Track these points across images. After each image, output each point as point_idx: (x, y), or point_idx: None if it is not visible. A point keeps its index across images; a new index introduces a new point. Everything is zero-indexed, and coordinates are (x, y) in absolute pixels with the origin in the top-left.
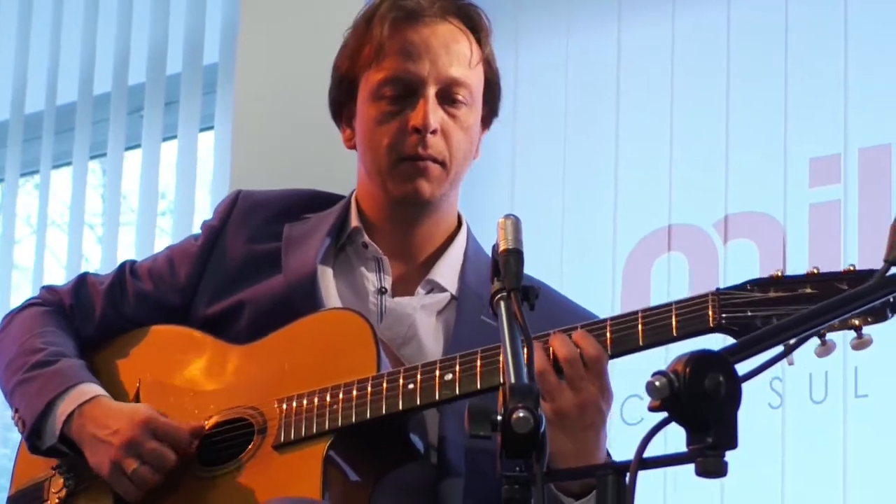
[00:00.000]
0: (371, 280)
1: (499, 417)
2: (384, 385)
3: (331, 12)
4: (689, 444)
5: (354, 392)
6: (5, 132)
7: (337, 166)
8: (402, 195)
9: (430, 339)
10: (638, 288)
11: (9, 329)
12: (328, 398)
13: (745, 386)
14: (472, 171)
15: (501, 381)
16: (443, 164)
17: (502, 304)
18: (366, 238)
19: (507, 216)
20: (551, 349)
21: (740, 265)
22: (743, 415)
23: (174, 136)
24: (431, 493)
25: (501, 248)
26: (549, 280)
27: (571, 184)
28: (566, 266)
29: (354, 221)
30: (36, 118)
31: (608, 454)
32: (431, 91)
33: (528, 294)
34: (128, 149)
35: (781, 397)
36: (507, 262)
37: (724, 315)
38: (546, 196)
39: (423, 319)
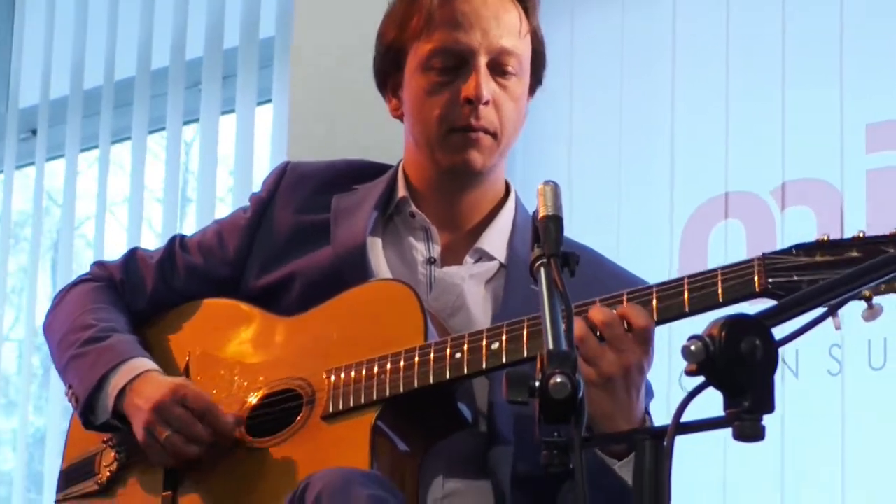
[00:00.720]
0: (420, 250)
1: (536, 383)
2: (431, 355)
3: None
4: (725, 408)
5: (402, 362)
6: (65, 108)
7: (393, 138)
8: (452, 165)
9: (479, 309)
10: (695, 256)
11: (61, 306)
12: (376, 368)
13: (804, 353)
14: (530, 141)
15: None
16: (494, 134)
17: (542, 270)
18: (413, 208)
19: (547, 182)
20: (590, 318)
21: (798, 232)
22: (802, 383)
23: (232, 111)
24: (481, 462)
25: (541, 214)
26: (607, 249)
27: (628, 153)
28: (623, 235)
29: (402, 191)
30: (95, 94)
31: (647, 412)
32: (483, 61)
33: (569, 260)
34: (186, 123)
35: (841, 364)
36: (547, 228)
37: (770, 280)
38: (603, 166)
39: (472, 289)
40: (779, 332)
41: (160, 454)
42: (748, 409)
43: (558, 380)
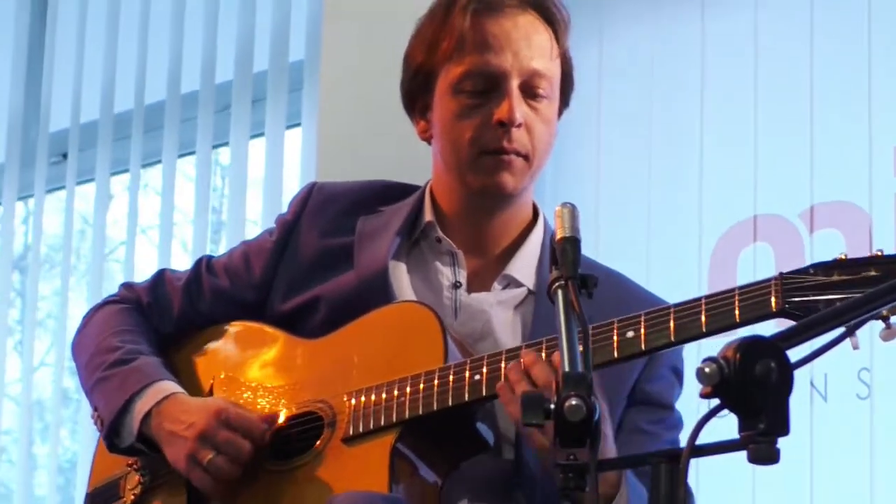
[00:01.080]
0: (446, 274)
1: (552, 406)
2: (451, 377)
3: (415, 7)
4: (740, 430)
5: (421, 384)
6: (95, 132)
7: (423, 160)
8: (483, 187)
9: (507, 335)
10: (724, 279)
11: (88, 328)
12: (395, 391)
13: (832, 377)
14: (558, 162)
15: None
16: (526, 157)
17: (559, 292)
18: (439, 233)
19: (564, 204)
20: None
21: (827, 255)
22: (832, 406)
23: (262, 134)
24: (507, 487)
25: (558, 236)
26: (636, 271)
27: (657, 175)
28: (652, 258)
29: (428, 215)
30: (125, 117)
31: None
32: (515, 84)
33: (587, 282)
34: (216, 146)
35: (870, 388)
36: (564, 250)
37: (787, 300)
38: (632, 187)
39: (500, 315)
40: (796, 353)
41: (203, 478)
42: (763, 432)
43: (574, 402)
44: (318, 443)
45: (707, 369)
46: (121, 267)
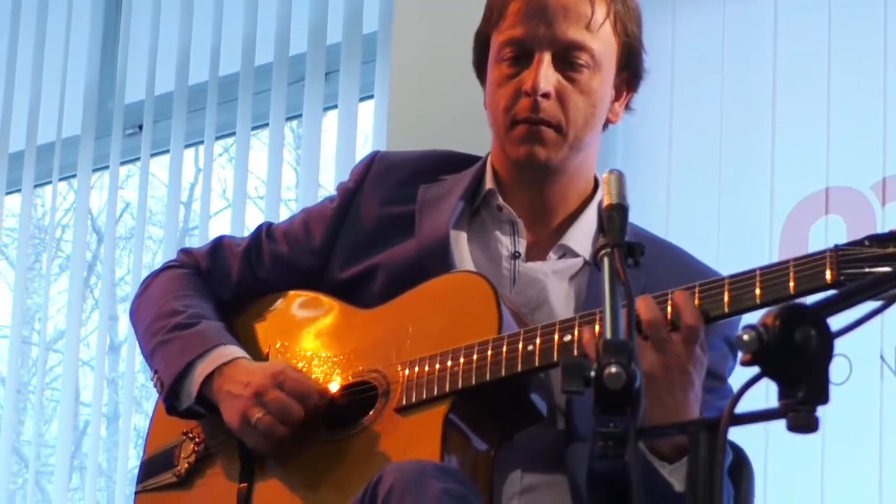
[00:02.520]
0: (505, 244)
1: (592, 373)
2: (504, 347)
3: None
4: (780, 398)
5: (475, 354)
6: (170, 104)
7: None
8: (517, 158)
9: (562, 305)
10: (795, 252)
11: (147, 293)
12: (449, 361)
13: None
14: (630, 137)
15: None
16: (557, 127)
17: (605, 259)
18: (500, 201)
19: (612, 171)
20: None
21: None
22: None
23: (335, 106)
24: (558, 458)
25: (605, 203)
26: (707, 243)
27: (728, 148)
28: (723, 231)
29: (489, 183)
30: (200, 89)
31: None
32: (546, 55)
33: (633, 250)
34: (289, 118)
35: None
36: (611, 218)
37: (842, 272)
38: (703, 161)
39: (555, 285)
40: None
41: (253, 437)
42: (802, 400)
43: (613, 370)
44: (371, 413)
45: (746, 336)
46: (196, 240)
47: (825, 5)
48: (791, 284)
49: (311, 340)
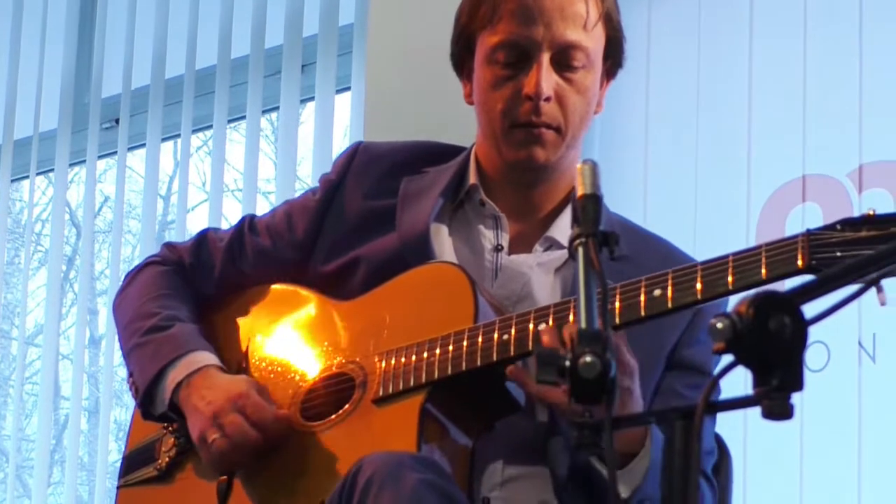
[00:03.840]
0: (488, 237)
1: (566, 363)
2: (480, 337)
3: None
4: (754, 386)
5: (451, 345)
6: (147, 97)
7: (471, 125)
8: (515, 160)
9: (546, 297)
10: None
11: (128, 291)
12: (425, 351)
13: (881, 337)
14: (606, 126)
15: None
16: (557, 129)
17: (580, 249)
18: (483, 196)
19: (585, 161)
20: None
21: None
22: (880, 367)
23: (312, 98)
24: (540, 450)
25: (579, 192)
26: (683, 232)
27: (705, 136)
28: (700, 219)
29: (473, 178)
30: (176, 83)
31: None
32: (545, 57)
33: (608, 239)
34: (266, 111)
35: None
36: (585, 208)
37: (814, 256)
38: (680, 149)
39: (540, 277)
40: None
41: (208, 457)
42: (777, 388)
43: (588, 359)
44: (348, 404)
45: (719, 324)
46: (174, 234)
47: None
48: (763, 270)
49: (291, 333)
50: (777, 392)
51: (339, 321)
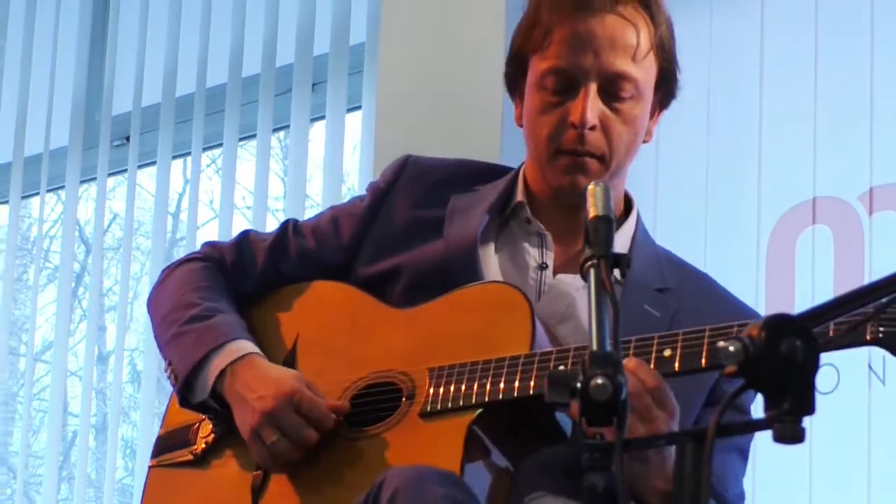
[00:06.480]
0: (533, 255)
1: (578, 385)
2: (535, 364)
3: None
4: (766, 409)
5: (505, 369)
6: (157, 115)
7: (482, 145)
8: (559, 186)
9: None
10: (783, 261)
11: (166, 283)
12: (479, 373)
13: (892, 359)
14: None
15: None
16: (601, 158)
17: (591, 271)
18: (528, 213)
19: (597, 183)
20: None
21: (885, 238)
22: (890, 389)
23: (322, 117)
24: (570, 474)
25: (591, 214)
26: (694, 254)
27: (715, 158)
28: (710, 240)
29: (520, 196)
30: (187, 101)
31: None
32: (593, 86)
33: (619, 262)
34: (276, 130)
35: None
36: (597, 229)
37: (881, 329)
38: (690, 170)
39: (584, 299)
40: None
41: (265, 456)
42: (788, 411)
43: (599, 381)
44: (394, 414)
45: (731, 347)
46: (183, 251)
47: (812, 16)
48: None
49: (342, 334)
50: (788, 415)
51: (390, 328)
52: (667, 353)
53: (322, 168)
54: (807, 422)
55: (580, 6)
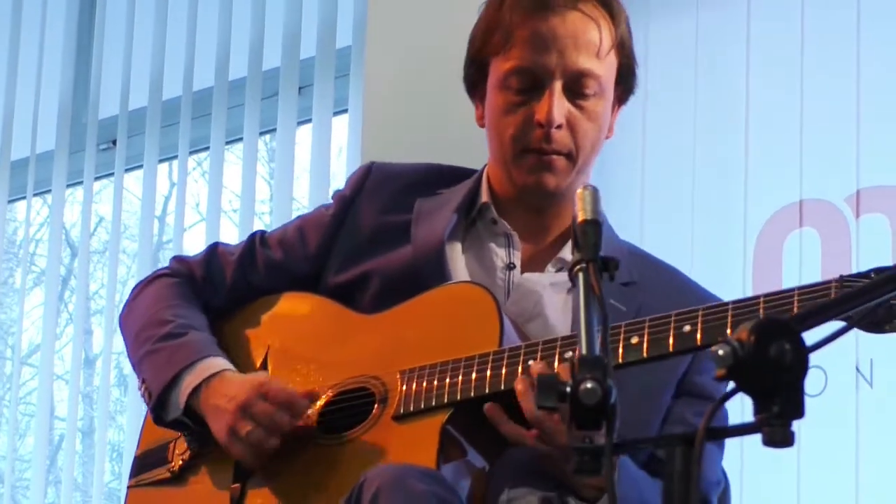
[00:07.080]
0: (500, 255)
1: (567, 389)
2: (504, 361)
3: None
4: (755, 413)
5: (475, 367)
6: (144, 119)
7: (468, 147)
8: (525, 185)
9: (558, 317)
10: (770, 264)
11: (137, 301)
12: (449, 372)
13: (879, 362)
14: (603, 153)
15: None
16: (568, 155)
17: (580, 275)
18: (495, 214)
19: (586, 186)
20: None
21: (872, 240)
22: (878, 393)
23: (309, 120)
24: (540, 475)
25: (580, 218)
26: (681, 257)
27: (702, 160)
28: (697, 243)
29: (485, 196)
30: (174, 105)
31: None
32: (558, 84)
33: (608, 265)
34: (263, 133)
35: None
36: (585, 233)
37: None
38: (677, 173)
39: (551, 297)
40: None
41: (243, 451)
42: (777, 415)
43: (589, 385)
44: (368, 419)
45: (721, 351)
46: (170, 254)
47: (798, 16)
48: (795, 312)
49: (311, 343)
50: (777, 419)
51: (360, 334)
52: (634, 340)
53: (309, 171)
54: (795, 424)
55: (541, 6)
